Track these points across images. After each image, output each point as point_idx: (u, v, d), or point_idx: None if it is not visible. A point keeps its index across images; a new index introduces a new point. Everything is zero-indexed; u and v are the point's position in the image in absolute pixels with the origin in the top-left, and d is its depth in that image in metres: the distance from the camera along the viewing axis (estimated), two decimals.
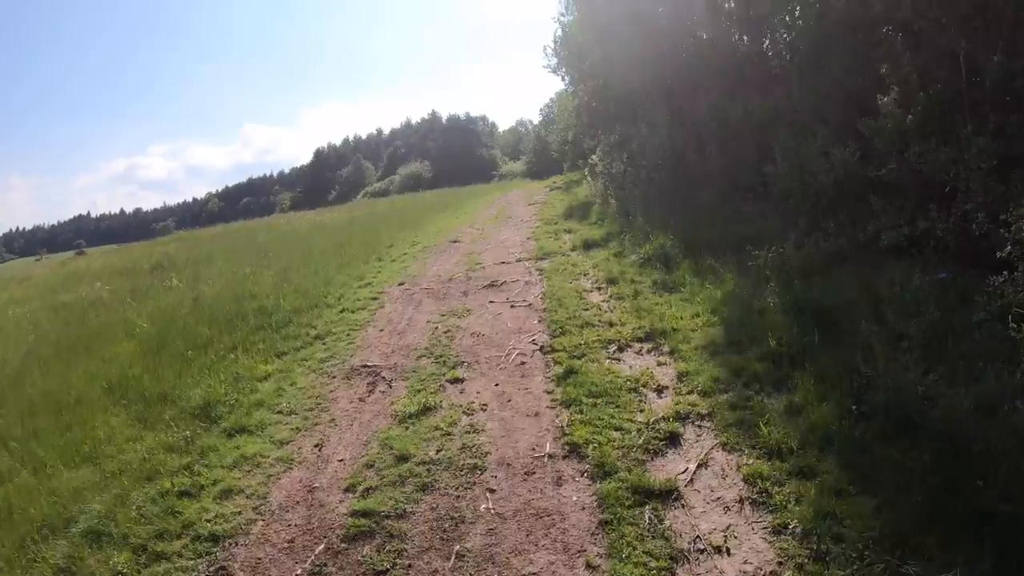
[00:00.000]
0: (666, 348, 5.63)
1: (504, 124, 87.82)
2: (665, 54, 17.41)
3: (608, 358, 5.57)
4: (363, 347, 6.51)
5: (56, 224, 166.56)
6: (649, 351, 5.67)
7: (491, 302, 7.49)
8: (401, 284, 8.89)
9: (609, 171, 16.14)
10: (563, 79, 30.60)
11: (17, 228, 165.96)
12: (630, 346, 5.82)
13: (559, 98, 54.85)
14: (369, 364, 6.00)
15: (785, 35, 10.38)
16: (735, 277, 7.10)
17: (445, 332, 6.60)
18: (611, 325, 6.32)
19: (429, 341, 6.41)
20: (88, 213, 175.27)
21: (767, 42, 12.55)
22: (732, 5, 13.19)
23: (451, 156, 71.98)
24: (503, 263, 9.40)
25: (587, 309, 6.89)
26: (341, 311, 7.92)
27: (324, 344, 6.81)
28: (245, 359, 6.57)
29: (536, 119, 73.62)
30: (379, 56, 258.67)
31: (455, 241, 12.04)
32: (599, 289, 7.64)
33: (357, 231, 16.14)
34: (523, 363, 5.67)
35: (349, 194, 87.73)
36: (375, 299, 8.32)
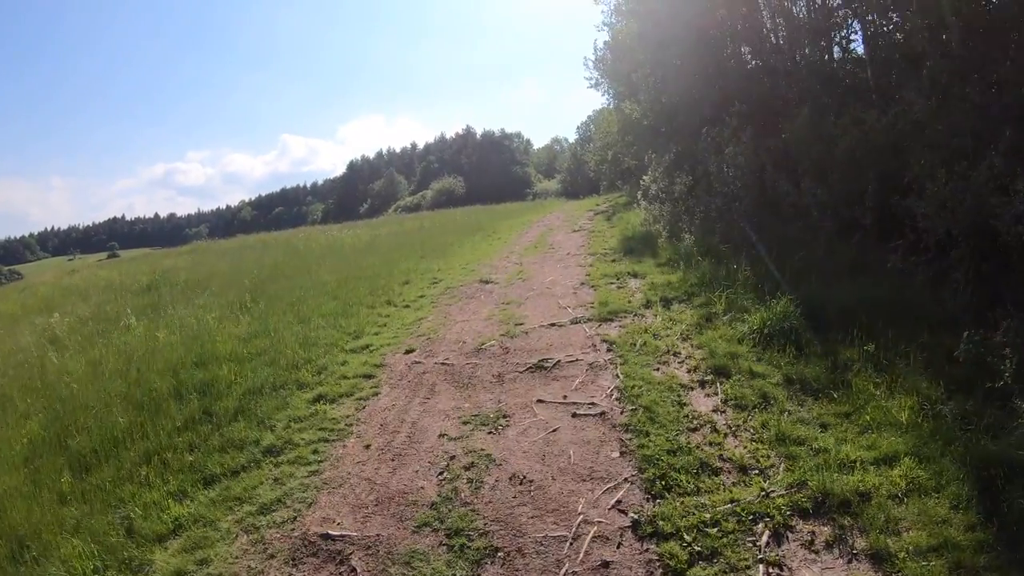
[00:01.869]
0: (862, 544, 3.03)
1: (539, 142, 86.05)
2: (732, 66, 14.99)
3: (763, 561, 2.97)
4: (332, 487, 3.95)
5: (91, 225, 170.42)
6: (830, 544, 3.07)
7: (539, 401, 4.86)
8: (410, 352, 6.33)
9: (670, 195, 13.56)
10: (604, 94, 28.31)
11: (53, 227, 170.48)
12: (790, 529, 3.21)
13: (598, 115, 52.73)
14: (333, 536, 3.46)
15: (925, 32, 7.63)
16: (919, 378, 4.54)
17: (466, 467, 3.98)
18: (744, 472, 3.70)
19: (439, 487, 3.80)
20: (123, 216, 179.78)
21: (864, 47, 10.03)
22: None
23: (485, 172, 70.28)
24: (553, 324, 6.76)
25: (695, 429, 4.25)
26: (316, 398, 5.40)
27: (276, 468, 4.29)
28: (148, 493, 4.14)
29: (572, 137, 72.09)
30: (418, 72, 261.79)
31: (487, 282, 9.45)
32: (704, 385, 4.97)
33: (374, 257, 13.75)
34: (606, 565, 3.08)
35: (381, 207, 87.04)
36: (369, 377, 5.79)
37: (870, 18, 9.93)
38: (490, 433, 4.42)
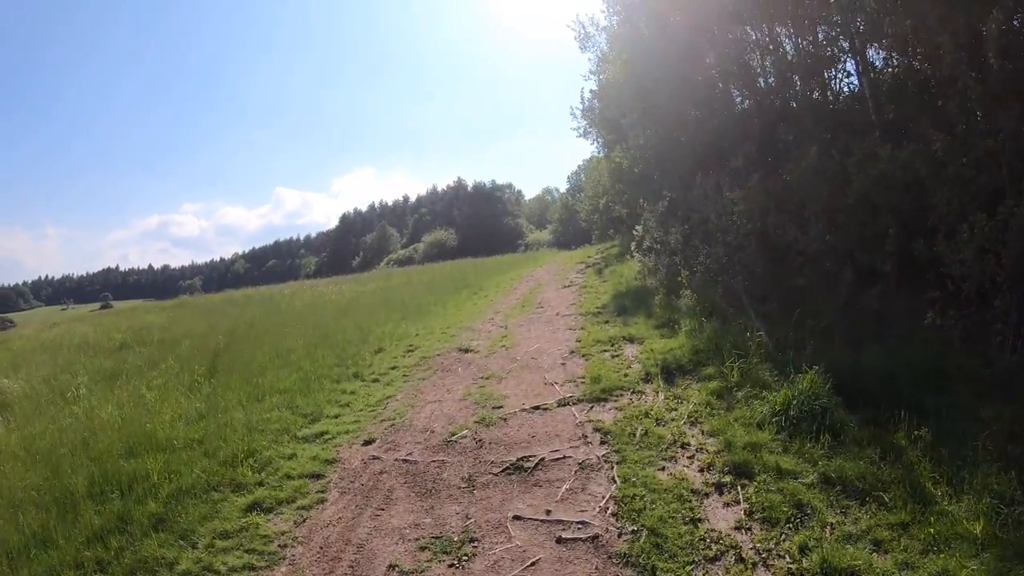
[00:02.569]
0: None
1: (530, 192, 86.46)
2: (721, 109, 14.60)
3: None
4: None
5: (85, 275, 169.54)
6: None
7: (516, 518, 3.91)
8: (369, 443, 5.38)
9: (665, 246, 12.88)
10: (593, 142, 28.12)
11: (46, 276, 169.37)
12: None
13: (588, 164, 52.92)
14: None
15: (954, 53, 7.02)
16: (986, 468, 3.84)
17: None
18: None
19: None
20: (117, 267, 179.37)
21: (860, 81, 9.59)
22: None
23: (477, 224, 70.20)
24: (537, 407, 5.84)
25: (715, 559, 3.33)
26: (251, 506, 4.44)
27: None
28: None
29: (563, 187, 72.36)
30: (410, 127, 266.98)
31: (467, 350, 8.55)
32: (722, 490, 4.06)
33: (352, 318, 12.88)
34: None
35: (373, 260, 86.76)
36: (317, 477, 4.85)
37: (875, 49, 9.48)
38: (452, 566, 3.48)
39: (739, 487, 4.07)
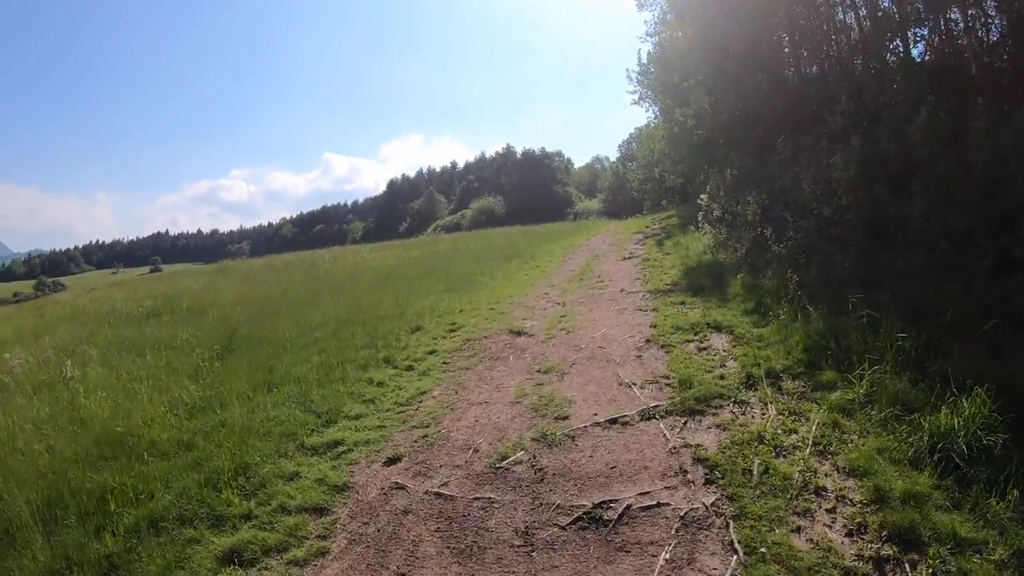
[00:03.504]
0: None
1: (580, 161, 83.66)
2: (792, 73, 12.78)
3: None
4: None
5: (135, 240, 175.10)
6: None
7: None
8: (394, 462, 4.09)
9: (741, 217, 11.23)
10: (648, 109, 26.06)
11: (97, 241, 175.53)
12: None
13: (640, 132, 50.49)
14: None
15: None
16: None
17: None
18: None
19: None
20: (167, 231, 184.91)
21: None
22: None
23: (525, 192, 68.51)
24: (614, 421, 4.41)
25: None
26: (227, 555, 3.22)
27: None
28: None
29: (613, 156, 69.44)
30: (458, 94, 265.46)
31: (519, 333, 7.18)
32: (883, 569, 2.66)
33: (393, 287, 11.75)
34: None
35: (421, 226, 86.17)
36: (321, 512, 3.56)
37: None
38: None
39: (906, 565, 2.66)
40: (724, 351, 5.77)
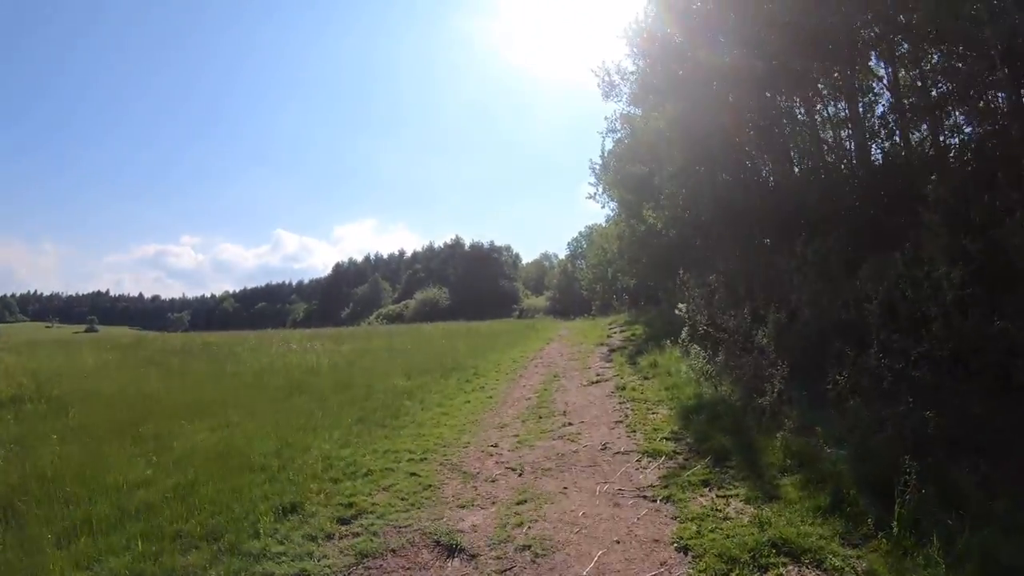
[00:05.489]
0: None
1: (528, 256, 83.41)
2: (785, 169, 11.31)
3: None
4: None
5: (74, 296, 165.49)
6: None
7: None
8: None
9: (739, 335, 8.84)
10: (604, 206, 24.70)
11: (35, 292, 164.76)
12: None
13: (592, 231, 49.96)
14: None
15: None
16: None
17: None
18: None
19: None
20: (107, 291, 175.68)
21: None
22: None
23: (471, 284, 67.00)
24: None
25: None
26: None
27: None
28: None
29: (562, 253, 68.70)
30: (417, 182, 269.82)
31: (449, 550, 4.24)
32: None
33: (290, 411, 8.70)
34: None
35: (364, 312, 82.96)
36: None
37: None
38: None
39: None
40: None
